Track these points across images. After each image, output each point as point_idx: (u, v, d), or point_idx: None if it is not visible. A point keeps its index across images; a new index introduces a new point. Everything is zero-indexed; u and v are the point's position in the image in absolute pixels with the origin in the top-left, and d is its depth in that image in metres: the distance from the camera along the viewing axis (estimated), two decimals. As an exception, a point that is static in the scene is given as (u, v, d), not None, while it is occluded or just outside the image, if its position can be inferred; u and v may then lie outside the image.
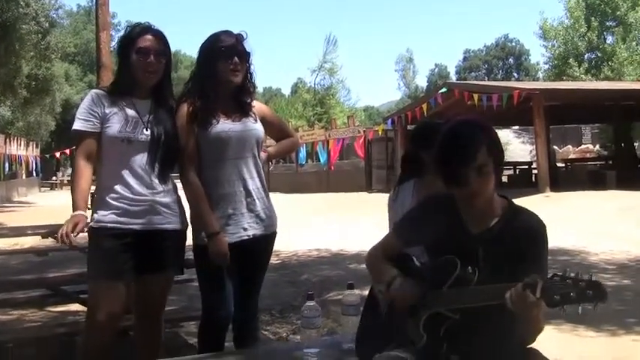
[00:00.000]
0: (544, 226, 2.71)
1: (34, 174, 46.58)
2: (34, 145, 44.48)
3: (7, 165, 36.75)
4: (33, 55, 25.74)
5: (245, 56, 3.85)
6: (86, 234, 3.76)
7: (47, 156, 43.07)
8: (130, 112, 3.75)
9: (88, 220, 3.68)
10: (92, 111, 3.72)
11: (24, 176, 44.08)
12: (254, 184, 3.89)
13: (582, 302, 2.20)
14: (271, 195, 4.13)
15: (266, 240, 4.00)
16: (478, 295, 2.50)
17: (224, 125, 3.78)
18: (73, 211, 3.63)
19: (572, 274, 2.24)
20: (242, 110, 3.90)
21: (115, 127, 3.69)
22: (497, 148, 2.68)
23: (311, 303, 3.39)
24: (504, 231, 2.68)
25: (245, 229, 3.84)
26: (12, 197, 36.98)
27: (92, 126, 3.71)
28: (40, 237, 8.77)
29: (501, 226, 2.70)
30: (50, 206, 24.61)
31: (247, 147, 3.86)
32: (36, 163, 44.30)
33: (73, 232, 3.50)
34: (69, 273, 4.70)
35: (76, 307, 6.40)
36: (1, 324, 6.44)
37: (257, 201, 3.89)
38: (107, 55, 12.65)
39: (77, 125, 3.72)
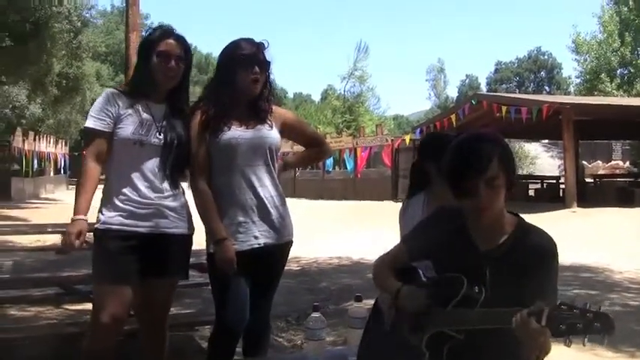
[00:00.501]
0: (555, 246, 2.64)
1: (62, 171, 46.98)
2: (63, 143, 44.87)
3: (35, 162, 37.08)
4: (64, 53, 25.98)
5: (265, 65, 3.80)
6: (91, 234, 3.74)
7: (76, 154, 43.47)
8: (145, 115, 3.72)
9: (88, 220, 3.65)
10: (106, 110, 3.68)
11: (52, 173, 44.46)
12: (266, 192, 3.81)
13: (589, 334, 2.13)
14: (297, 201, 4.08)
15: (279, 249, 3.93)
16: (484, 318, 2.44)
17: (234, 132, 3.73)
18: (75, 213, 3.61)
19: (580, 304, 2.17)
20: (257, 117, 3.83)
21: (128, 128, 3.66)
22: (509, 162, 2.61)
23: (316, 314, 3.34)
24: (513, 249, 2.62)
25: (256, 237, 3.77)
26: (39, 194, 37.33)
27: (105, 125, 3.68)
28: (60, 235, 8.81)
29: (510, 243, 2.64)
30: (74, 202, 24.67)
31: (258, 154, 3.79)
32: (64, 161, 44.71)
33: (76, 240, 3.52)
34: (82, 273, 4.68)
35: (91, 305, 6.41)
36: (17, 320, 6.45)
37: (271, 210, 3.82)
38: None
39: (90, 123, 3.70)
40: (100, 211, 3.74)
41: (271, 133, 3.85)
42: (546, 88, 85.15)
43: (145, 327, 3.97)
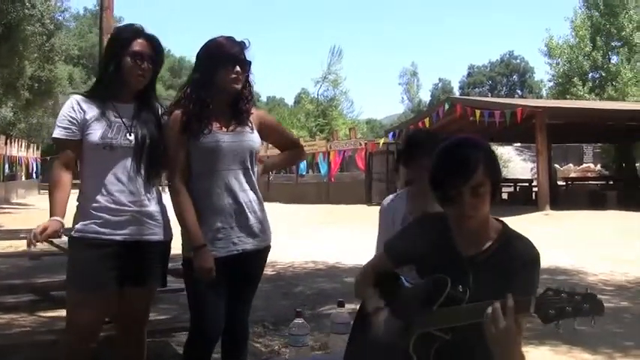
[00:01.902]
0: (538, 254, 2.65)
1: (34, 176, 46.54)
2: (35, 147, 44.47)
3: (6, 166, 36.72)
4: (37, 56, 25.72)
5: (246, 65, 3.74)
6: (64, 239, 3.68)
7: (48, 158, 43.04)
8: (113, 117, 3.64)
9: (64, 223, 3.59)
10: (71, 118, 3.61)
11: (23, 178, 44.09)
12: (246, 196, 3.76)
13: (578, 316, 2.16)
14: (270, 205, 4.02)
15: (258, 255, 3.88)
16: (472, 312, 2.44)
17: (215, 135, 3.66)
18: (50, 217, 3.55)
19: (567, 289, 2.20)
20: (238, 119, 3.77)
21: (96, 133, 3.58)
22: (495, 170, 2.61)
23: (299, 320, 3.31)
24: (496, 255, 2.62)
25: (235, 244, 3.71)
26: (10, 199, 36.93)
27: (71, 134, 3.60)
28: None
29: (494, 250, 2.64)
30: (48, 209, 24.47)
31: (239, 158, 3.73)
32: (36, 165, 44.29)
33: (41, 234, 3.45)
34: (58, 279, 4.62)
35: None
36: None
37: (249, 215, 3.76)
38: (110, 59, 12.63)
39: (57, 133, 3.63)
40: (74, 218, 3.67)
41: (252, 136, 3.80)
42: (518, 91, 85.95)
43: (123, 335, 3.91)
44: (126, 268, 3.62)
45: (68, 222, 3.68)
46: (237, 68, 3.67)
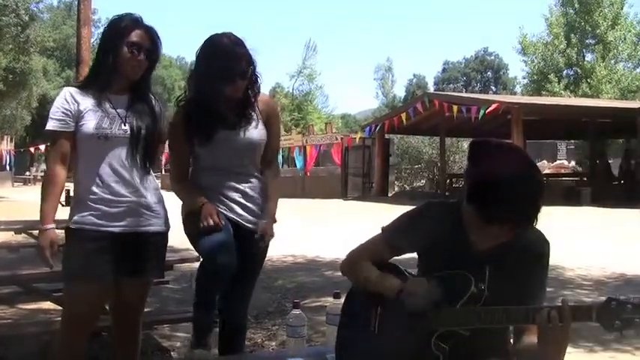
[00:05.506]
0: (549, 245, 2.67)
1: (7, 168, 46.15)
2: (9, 139, 44.11)
3: (-21, 158, 36.43)
4: (11, 47, 25.56)
5: (246, 73, 3.66)
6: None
7: (21, 150, 42.70)
8: (107, 107, 3.56)
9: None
10: (65, 110, 3.53)
11: (-4, 170, 43.75)
12: (252, 191, 3.81)
13: None
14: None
15: (262, 239, 3.78)
16: (508, 316, 2.48)
17: (221, 134, 3.65)
18: (43, 222, 3.49)
19: (631, 299, 2.29)
20: (243, 116, 3.74)
21: (90, 123, 3.51)
22: None
23: (297, 312, 3.31)
24: (510, 249, 2.61)
25: (240, 215, 3.74)
26: (-17, 191, 36.66)
27: (66, 125, 3.53)
28: (13, 233, 8.62)
29: (507, 243, 2.61)
30: (22, 201, 24.27)
31: (244, 155, 3.76)
32: (9, 158, 43.89)
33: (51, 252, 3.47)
34: (42, 271, 4.56)
35: (47, 305, 6.27)
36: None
37: (254, 208, 3.81)
38: (87, 50, 12.60)
39: (50, 125, 3.54)
40: (71, 209, 3.61)
41: (256, 132, 3.78)
42: (493, 88, 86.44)
43: (117, 326, 3.86)
44: (122, 259, 3.57)
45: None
46: (238, 80, 3.62)
